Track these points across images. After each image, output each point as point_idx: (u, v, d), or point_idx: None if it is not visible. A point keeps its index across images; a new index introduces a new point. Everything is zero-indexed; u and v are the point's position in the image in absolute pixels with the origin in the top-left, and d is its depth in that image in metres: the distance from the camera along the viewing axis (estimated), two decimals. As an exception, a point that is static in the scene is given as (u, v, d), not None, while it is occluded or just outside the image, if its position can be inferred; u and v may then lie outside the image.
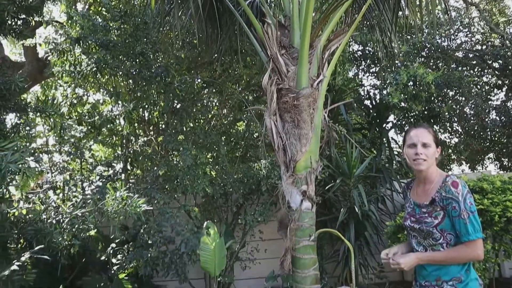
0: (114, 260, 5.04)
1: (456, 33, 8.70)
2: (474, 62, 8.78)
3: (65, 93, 6.86)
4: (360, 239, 6.07)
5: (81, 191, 5.39)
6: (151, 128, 7.10)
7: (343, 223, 5.93)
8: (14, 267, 3.83)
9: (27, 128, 4.66)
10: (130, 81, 6.34)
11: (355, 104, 7.12)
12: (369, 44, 7.32)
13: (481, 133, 8.59)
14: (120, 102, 6.02)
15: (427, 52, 8.21)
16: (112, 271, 5.72)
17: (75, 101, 6.48)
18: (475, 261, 4.98)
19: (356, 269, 5.98)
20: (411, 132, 2.37)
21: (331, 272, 6.66)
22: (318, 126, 3.18)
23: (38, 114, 4.47)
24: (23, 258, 3.96)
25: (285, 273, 3.12)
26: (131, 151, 6.29)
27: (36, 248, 3.93)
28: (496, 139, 9.03)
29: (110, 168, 6.16)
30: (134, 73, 5.91)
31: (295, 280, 2.99)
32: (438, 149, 2.37)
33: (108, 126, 6.35)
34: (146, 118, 7.02)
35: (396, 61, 7.24)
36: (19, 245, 4.48)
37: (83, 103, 6.75)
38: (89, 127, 6.37)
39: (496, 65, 8.71)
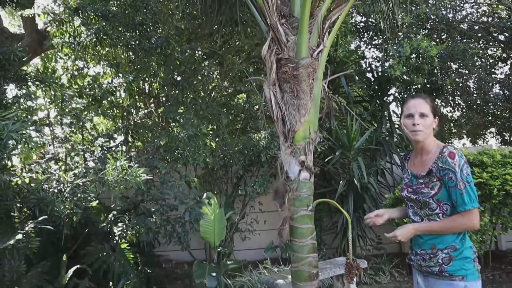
0: (115, 230, 5.11)
1: (461, 4, 8.54)
2: (480, 34, 8.64)
3: (65, 65, 6.86)
4: (358, 211, 6.15)
5: (83, 162, 5.44)
6: (151, 100, 7.12)
7: (342, 195, 6.00)
8: (19, 236, 3.90)
9: (28, 100, 4.66)
10: (130, 52, 6.32)
11: (356, 77, 7.09)
12: (372, 16, 7.23)
13: (484, 107, 8.52)
14: (120, 73, 6.02)
15: (431, 23, 8.08)
16: (114, 241, 5.83)
17: (75, 73, 6.47)
18: (471, 231, 5.07)
19: (354, 240, 6.09)
20: (409, 103, 2.38)
21: (329, 243, 6.79)
22: (317, 96, 3.17)
23: (38, 84, 4.47)
24: (27, 228, 4.04)
25: (283, 242, 3.18)
26: (132, 123, 6.31)
27: (40, 219, 4.01)
28: (498, 113, 8.99)
29: (111, 140, 6.20)
30: (134, 44, 5.88)
31: (292, 249, 3.04)
32: (436, 119, 2.37)
33: (109, 98, 6.36)
34: (147, 90, 7.03)
35: (400, 33, 7.15)
36: (22, 214, 4.56)
37: (83, 75, 6.75)
38: (90, 100, 6.38)
39: (502, 37, 8.59)
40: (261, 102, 5.11)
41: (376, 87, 6.91)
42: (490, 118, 9.31)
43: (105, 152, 5.58)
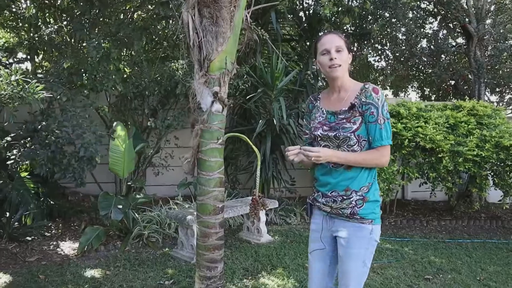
0: (9, 155, 4.81)
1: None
2: (415, -14, 8.88)
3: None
4: (275, 153, 6.32)
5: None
6: (63, 16, 6.59)
7: (261, 135, 6.10)
8: None
9: None
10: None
11: (288, 15, 7.02)
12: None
13: (409, 60, 8.95)
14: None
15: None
16: (13, 169, 5.54)
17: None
18: (379, 179, 5.45)
19: (268, 182, 6.31)
20: (322, 39, 2.36)
21: (244, 183, 6.98)
22: (237, 26, 3.10)
23: None
24: None
25: (190, 175, 3.18)
26: (37, 38, 5.82)
27: None
28: (422, 67, 9.48)
29: (11, 55, 5.71)
30: None
31: (199, 182, 3.06)
32: (350, 55, 2.38)
33: (13, 8, 5.79)
34: (58, 4, 6.47)
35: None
36: None
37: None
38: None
39: (435, -9, 8.90)
40: (180, 28, 4.90)
41: (306, 27, 6.91)
42: (414, 71, 9.80)
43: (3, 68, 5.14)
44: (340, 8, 6.02)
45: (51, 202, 5.99)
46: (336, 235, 2.38)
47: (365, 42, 7.72)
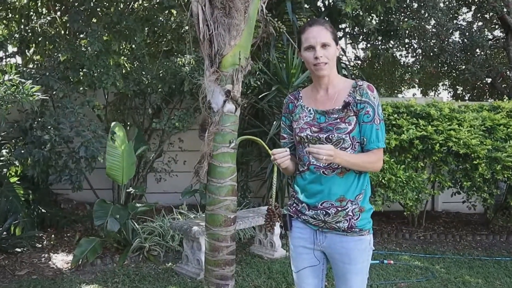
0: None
1: None
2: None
3: None
4: (291, 158, 6.30)
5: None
6: (57, 6, 6.66)
7: (275, 138, 6.10)
8: None
9: None
10: None
11: (305, 5, 7.02)
12: None
13: (439, 56, 8.88)
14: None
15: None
16: (2, 173, 5.60)
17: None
18: (407, 188, 5.43)
19: (283, 190, 6.30)
20: (307, 32, 2.28)
21: (255, 191, 6.97)
22: (252, 17, 3.12)
23: None
24: None
25: (201, 183, 3.20)
26: (29, 30, 5.89)
27: None
28: (453, 64, 9.41)
29: (0, 49, 5.78)
30: None
31: (209, 190, 3.08)
32: (338, 46, 2.34)
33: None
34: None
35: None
36: None
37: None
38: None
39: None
40: (188, 19, 4.91)
41: (326, 19, 6.91)
42: (445, 68, 9.72)
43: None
44: (362, 6, 5.99)
45: (43, 210, 6.04)
46: (330, 252, 2.36)
47: (391, 36, 7.66)
